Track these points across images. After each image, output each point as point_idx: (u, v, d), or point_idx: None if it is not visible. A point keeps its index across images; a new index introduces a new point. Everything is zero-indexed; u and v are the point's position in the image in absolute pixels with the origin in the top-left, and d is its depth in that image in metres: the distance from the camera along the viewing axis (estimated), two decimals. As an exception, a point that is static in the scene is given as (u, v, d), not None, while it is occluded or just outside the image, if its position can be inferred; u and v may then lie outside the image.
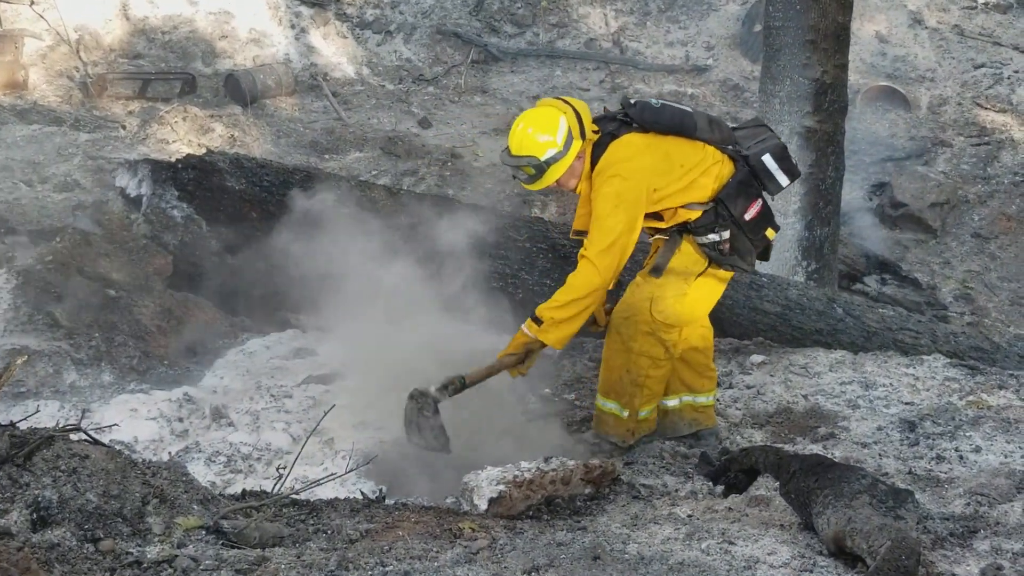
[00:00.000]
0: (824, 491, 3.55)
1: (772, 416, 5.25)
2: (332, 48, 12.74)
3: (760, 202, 4.78)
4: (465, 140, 11.45)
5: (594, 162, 4.67)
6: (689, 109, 4.82)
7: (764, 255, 4.94)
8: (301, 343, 6.53)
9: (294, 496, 3.87)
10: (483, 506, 3.99)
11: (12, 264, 6.65)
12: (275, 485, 3.92)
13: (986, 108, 12.43)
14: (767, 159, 4.78)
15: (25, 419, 3.75)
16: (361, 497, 4.17)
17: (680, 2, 13.82)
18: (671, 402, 4.95)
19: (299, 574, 3.20)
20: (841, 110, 7.65)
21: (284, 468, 3.97)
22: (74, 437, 3.49)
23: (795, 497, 3.71)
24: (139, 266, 6.71)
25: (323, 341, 6.37)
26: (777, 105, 7.57)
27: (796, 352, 5.98)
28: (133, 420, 5.27)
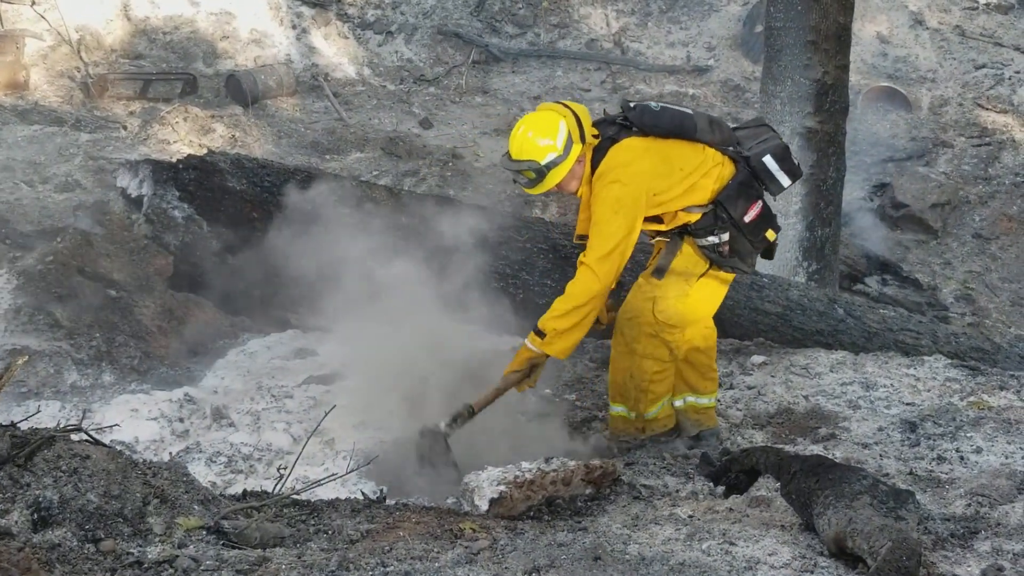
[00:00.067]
0: (825, 492, 3.55)
1: (773, 417, 5.25)
2: (333, 48, 12.74)
3: (760, 204, 4.77)
4: (466, 140, 11.45)
5: (594, 166, 4.66)
6: (689, 111, 4.81)
7: (768, 254, 4.94)
8: (302, 343, 6.54)
9: (295, 496, 3.87)
10: (484, 506, 3.99)
11: (13, 264, 6.65)
12: (276, 485, 3.92)
13: (987, 109, 12.43)
14: (768, 160, 4.77)
15: (26, 419, 3.75)
16: (362, 497, 4.17)
17: (681, 3, 13.82)
18: (676, 402, 4.95)
19: (300, 574, 3.20)
20: (842, 111, 7.65)
21: (285, 468, 3.96)
22: (75, 437, 3.49)
23: (796, 498, 3.71)
24: (140, 266, 6.71)
25: (324, 341, 6.37)
26: (778, 106, 7.57)
27: (797, 353, 5.98)
28: (134, 420, 5.27)
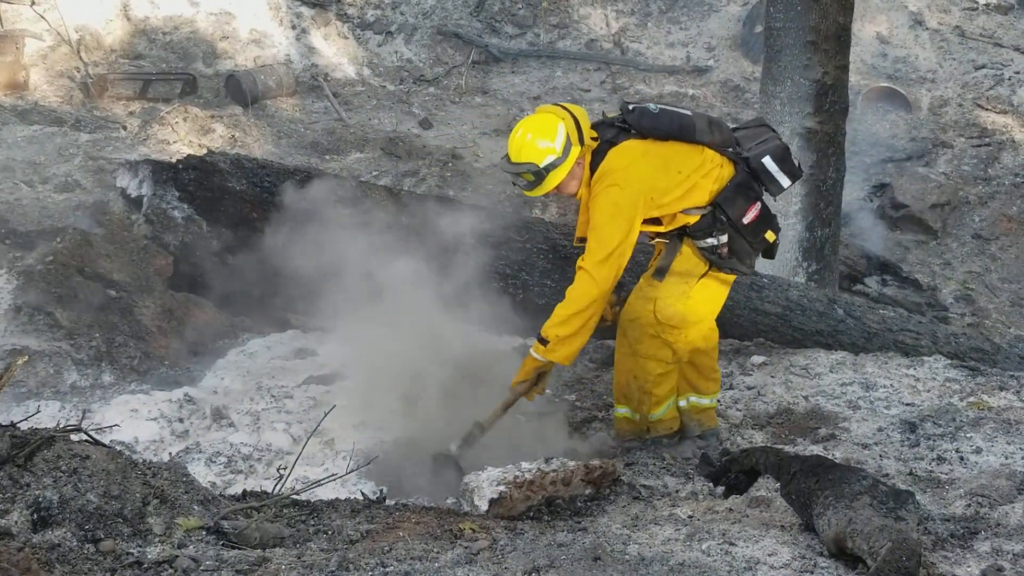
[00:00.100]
0: (825, 492, 3.55)
1: (773, 417, 5.25)
2: (333, 49, 12.74)
3: (759, 205, 4.77)
4: (466, 141, 11.45)
5: (593, 169, 4.66)
6: (688, 112, 4.80)
7: (769, 254, 4.93)
8: (302, 343, 6.54)
9: (295, 497, 3.87)
10: (484, 507, 4.00)
11: (13, 264, 6.65)
12: (276, 486, 3.92)
13: (987, 109, 12.43)
14: (767, 161, 4.76)
15: (26, 419, 3.75)
16: (362, 498, 4.17)
17: (681, 3, 13.82)
18: (680, 403, 4.96)
19: (300, 574, 3.20)
20: (842, 111, 7.65)
21: (285, 469, 3.96)
22: (75, 438, 3.49)
23: (796, 498, 3.71)
24: (140, 266, 6.71)
25: (324, 341, 6.37)
26: (778, 106, 7.56)
27: (797, 353, 5.98)
28: (134, 420, 5.27)
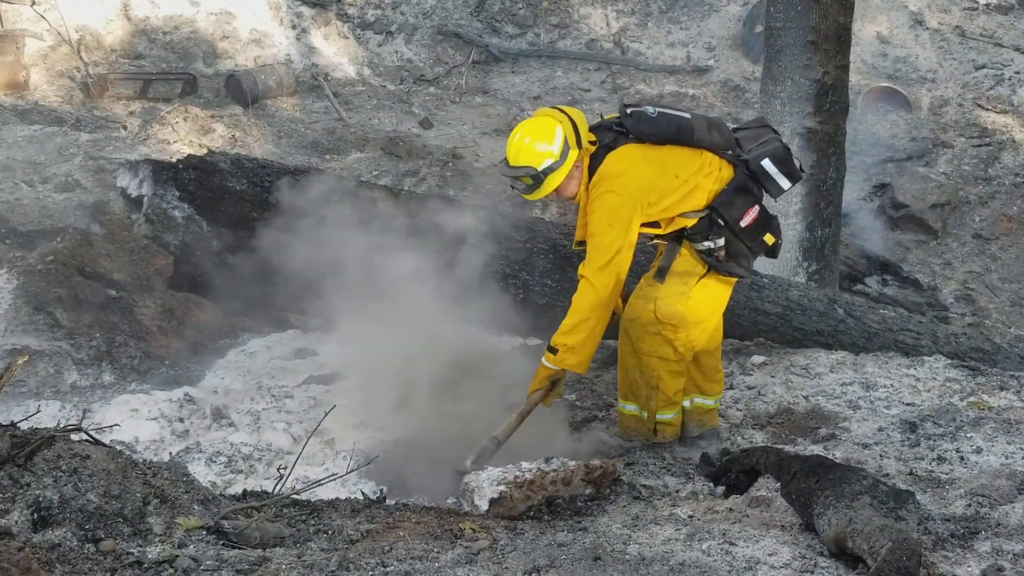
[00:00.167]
0: (825, 492, 3.55)
1: (773, 417, 5.25)
2: (333, 48, 12.75)
3: (757, 208, 4.74)
4: (466, 141, 11.46)
5: (591, 172, 4.66)
6: (687, 115, 4.77)
7: (772, 254, 4.91)
8: (302, 343, 6.54)
9: (295, 496, 3.87)
10: (484, 507, 3.99)
11: (13, 264, 6.65)
12: (276, 485, 3.92)
13: (987, 109, 12.43)
14: (766, 164, 4.74)
15: (26, 419, 3.75)
16: (362, 497, 4.17)
17: (681, 3, 13.82)
18: (684, 403, 4.96)
19: (300, 574, 3.20)
20: (842, 111, 7.65)
21: (285, 468, 3.96)
22: (75, 437, 3.49)
23: (796, 498, 3.71)
24: (140, 266, 6.71)
25: (324, 341, 6.38)
26: (778, 106, 7.56)
27: (797, 353, 5.98)
28: (134, 420, 5.28)
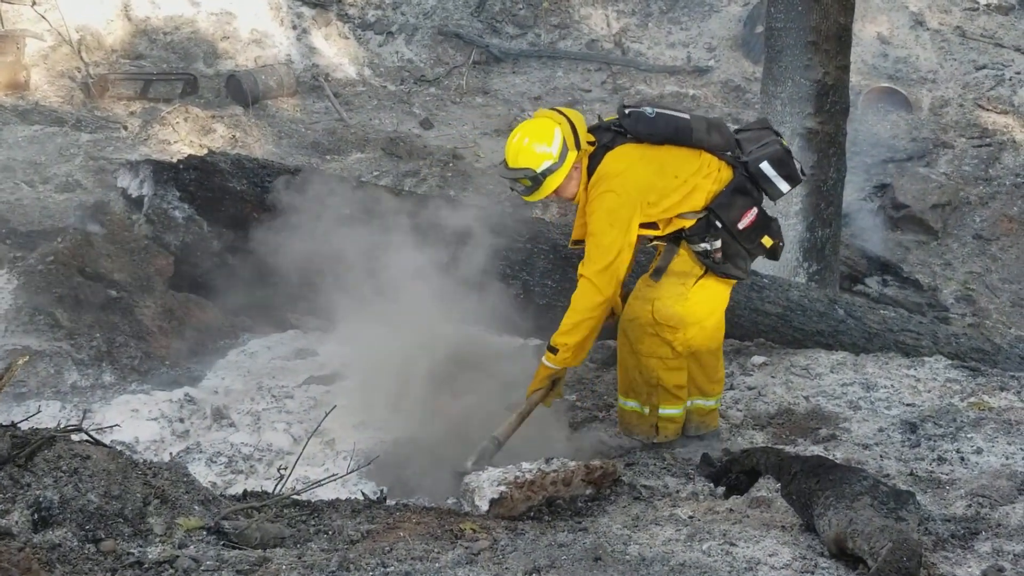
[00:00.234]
0: (825, 492, 3.55)
1: (773, 417, 5.25)
2: (334, 49, 12.75)
3: (755, 211, 4.73)
4: (467, 141, 11.46)
5: (590, 172, 4.66)
6: (686, 115, 4.77)
7: (772, 256, 4.91)
8: (302, 344, 6.54)
9: (295, 497, 3.87)
10: (484, 507, 3.99)
11: (13, 264, 6.66)
12: (276, 486, 3.92)
13: (988, 109, 12.43)
14: (765, 166, 4.73)
15: (26, 419, 3.75)
16: (362, 498, 4.17)
17: (682, 3, 13.82)
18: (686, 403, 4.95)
19: (300, 575, 3.20)
20: (843, 111, 7.65)
21: (285, 469, 3.96)
22: (75, 438, 3.49)
23: (796, 498, 3.71)
24: (140, 266, 6.71)
25: (324, 341, 6.38)
26: (779, 106, 7.56)
27: (797, 353, 5.98)
28: (134, 421, 5.28)
